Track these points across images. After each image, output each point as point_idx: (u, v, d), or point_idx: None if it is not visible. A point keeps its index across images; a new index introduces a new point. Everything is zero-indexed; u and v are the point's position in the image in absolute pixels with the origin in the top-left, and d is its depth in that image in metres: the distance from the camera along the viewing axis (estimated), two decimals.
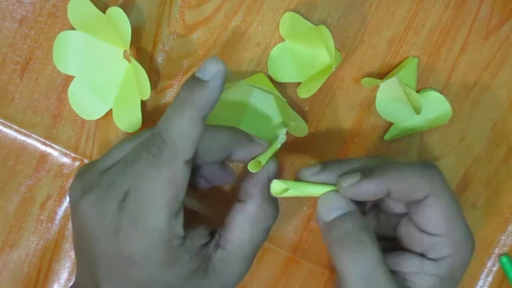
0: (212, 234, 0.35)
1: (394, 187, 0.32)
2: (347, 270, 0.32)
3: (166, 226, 0.31)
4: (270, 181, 0.34)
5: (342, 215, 0.33)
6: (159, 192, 0.31)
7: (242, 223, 0.34)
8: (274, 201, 0.35)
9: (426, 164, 0.33)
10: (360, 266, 0.32)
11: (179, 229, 0.32)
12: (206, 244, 0.34)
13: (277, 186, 0.33)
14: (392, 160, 0.37)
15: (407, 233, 0.35)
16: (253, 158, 0.35)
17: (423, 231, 0.33)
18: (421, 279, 0.33)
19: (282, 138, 0.38)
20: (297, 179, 0.35)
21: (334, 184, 0.34)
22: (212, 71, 0.31)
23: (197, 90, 0.31)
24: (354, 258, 0.32)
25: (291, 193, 0.34)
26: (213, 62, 0.31)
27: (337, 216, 0.33)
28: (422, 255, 0.34)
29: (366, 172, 0.33)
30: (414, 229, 0.34)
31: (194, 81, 0.32)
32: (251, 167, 0.34)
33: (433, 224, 0.33)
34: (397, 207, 0.35)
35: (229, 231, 0.34)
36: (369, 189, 0.32)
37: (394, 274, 0.34)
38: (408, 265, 0.34)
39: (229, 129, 0.35)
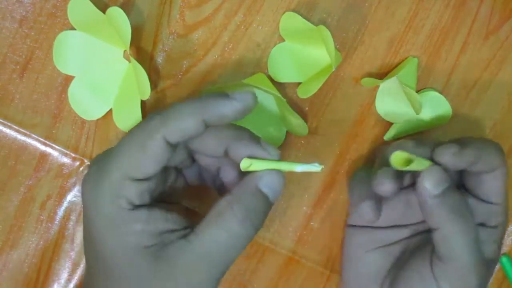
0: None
1: (484, 156, 0.34)
2: (460, 240, 0.33)
3: (117, 184, 0.32)
4: (259, 192, 0.33)
5: (448, 187, 0.34)
6: (127, 150, 0.32)
7: (212, 223, 0.32)
8: (258, 214, 0.33)
9: (493, 141, 0.36)
10: (471, 234, 0.34)
11: (131, 194, 0.32)
12: (173, 231, 0.33)
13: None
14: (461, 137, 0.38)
15: None
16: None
17: (484, 200, 0.36)
18: (488, 247, 0.36)
19: (309, 167, 0.33)
20: (395, 149, 0.34)
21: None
22: (243, 95, 0.32)
23: (219, 98, 0.32)
24: (467, 228, 0.34)
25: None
26: (249, 93, 0.33)
27: (445, 188, 0.34)
28: (481, 225, 0.36)
29: (461, 143, 0.34)
30: (473, 201, 0.36)
31: (221, 94, 0.33)
32: (241, 164, 0.33)
33: (497, 193, 0.35)
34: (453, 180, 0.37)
35: (200, 225, 0.33)
36: (470, 156, 0.34)
37: None
38: None
39: (233, 125, 0.34)
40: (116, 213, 0.32)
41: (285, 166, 0.33)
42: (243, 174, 0.34)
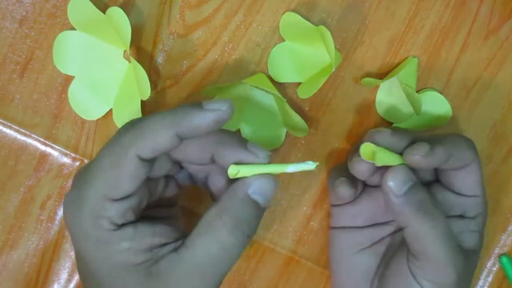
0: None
1: (455, 153, 0.34)
2: (430, 235, 0.34)
3: (96, 205, 0.31)
4: (249, 199, 0.32)
5: (413, 185, 0.34)
6: (101, 167, 0.31)
7: (202, 233, 0.31)
8: (249, 222, 0.32)
9: (465, 136, 0.36)
10: (440, 228, 0.34)
11: (113, 215, 0.31)
12: (163, 245, 0.32)
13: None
14: (435, 133, 0.39)
15: (443, 200, 0.37)
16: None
17: (461, 194, 0.36)
18: (468, 236, 0.36)
19: (301, 166, 0.32)
20: (367, 140, 0.34)
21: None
22: (217, 106, 0.31)
23: (192, 109, 0.31)
24: (435, 222, 0.34)
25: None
26: (223, 102, 0.31)
27: (409, 187, 0.34)
28: (460, 216, 0.37)
29: (432, 142, 0.34)
30: (450, 195, 0.37)
31: (195, 104, 0.31)
32: (229, 172, 0.32)
33: (473, 187, 0.36)
34: (427, 177, 0.38)
35: (189, 237, 0.32)
36: (440, 156, 0.34)
37: None
38: (454, 226, 0.36)
39: (219, 131, 0.33)
40: (100, 235, 0.31)
41: (275, 169, 0.32)
42: (232, 181, 0.33)
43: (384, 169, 0.34)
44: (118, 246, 0.31)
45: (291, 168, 0.32)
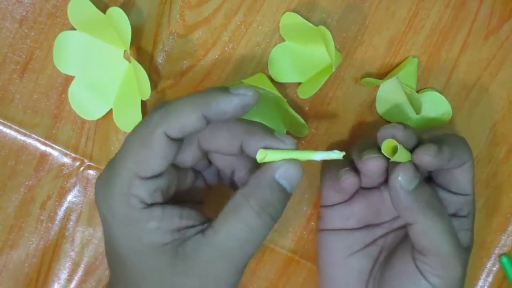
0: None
1: (456, 153, 0.35)
2: (437, 230, 0.34)
3: (127, 184, 0.31)
4: (276, 183, 0.32)
5: (419, 182, 0.34)
6: (131, 147, 0.32)
7: (228, 215, 0.32)
8: (276, 206, 0.32)
9: (460, 136, 0.37)
10: (446, 224, 0.34)
11: (142, 193, 0.31)
12: (190, 227, 0.32)
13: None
14: (434, 132, 0.38)
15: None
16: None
17: (455, 193, 0.37)
18: (462, 235, 0.36)
19: (328, 154, 0.32)
20: (383, 135, 0.34)
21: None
22: (244, 91, 0.32)
23: (220, 93, 0.32)
24: (442, 218, 0.34)
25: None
26: (250, 89, 0.32)
27: (417, 183, 0.34)
28: (453, 215, 0.37)
29: (436, 142, 0.34)
30: (444, 194, 0.37)
31: (222, 89, 0.32)
32: (257, 156, 0.32)
33: (466, 185, 0.36)
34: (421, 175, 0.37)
35: (216, 219, 0.32)
36: (447, 156, 0.34)
37: None
38: None
39: (245, 120, 0.34)
40: (129, 213, 0.32)
41: (302, 155, 0.32)
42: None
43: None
44: (147, 225, 0.31)
45: (318, 155, 0.32)
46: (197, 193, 0.37)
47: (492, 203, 0.43)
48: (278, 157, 0.32)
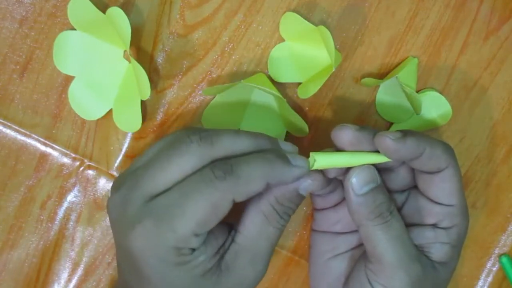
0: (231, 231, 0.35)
1: (428, 149, 0.34)
2: (381, 237, 0.34)
3: (185, 238, 0.32)
4: (298, 193, 0.35)
5: (375, 188, 0.35)
6: (198, 209, 0.32)
7: (253, 217, 0.35)
8: (293, 209, 0.35)
9: (444, 142, 0.36)
10: (393, 232, 0.34)
11: (195, 245, 0.33)
12: (224, 243, 0.35)
13: (310, 162, 0.34)
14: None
15: (418, 207, 0.37)
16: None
17: (436, 202, 0.36)
18: (437, 248, 0.36)
19: (377, 158, 0.35)
20: (335, 137, 0.35)
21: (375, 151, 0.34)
22: (302, 163, 0.34)
23: (284, 164, 0.33)
24: (387, 226, 0.34)
25: (323, 164, 0.34)
26: (306, 161, 0.34)
27: (370, 188, 0.34)
28: (433, 226, 0.36)
29: (404, 132, 0.34)
30: (426, 202, 0.36)
31: (285, 158, 0.34)
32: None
33: (448, 195, 0.35)
34: (405, 181, 0.37)
35: (242, 223, 0.35)
36: (413, 145, 0.34)
37: None
38: (423, 236, 0.36)
39: (267, 158, 0.34)
40: (180, 260, 0.33)
41: (349, 160, 0.34)
42: None
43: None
44: (196, 262, 0.33)
45: (365, 159, 0.34)
46: None
47: (492, 203, 0.43)
48: (326, 165, 0.34)
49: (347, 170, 0.35)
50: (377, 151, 0.35)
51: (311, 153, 0.34)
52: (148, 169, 0.33)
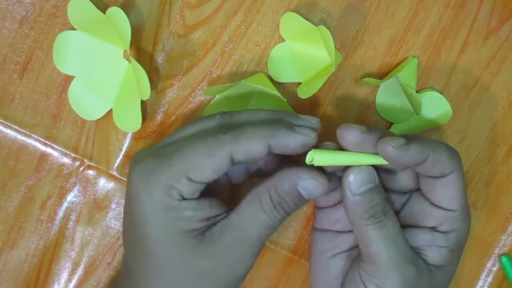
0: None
1: (432, 155, 0.34)
2: (374, 236, 0.34)
3: (174, 178, 0.33)
4: (296, 190, 0.34)
5: (372, 188, 0.35)
6: (195, 152, 0.34)
7: (249, 199, 0.35)
8: (291, 205, 0.35)
9: (449, 146, 0.35)
10: (387, 232, 0.34)
11: (184, 190, 0.34)
12: (217, 216, 0.35)
13: (308, 157, 0.34)
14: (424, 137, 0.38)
15: (419, 210, 0.37)
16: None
17: (438, 206, 0.36)
18: (434, 251, 0.35)
19: (377, 159, 0.34)
20: (340, 137, 0.35)
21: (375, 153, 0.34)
22: (308, 132, 0.34)
23: (287, 129, 0.34)
24: (380, 226, 0.34)
25: (322, 161, 0.34)
26: (312, 130, 0.34)
27: (367, 189, 0.34)
28: (432, 229, 0.36)
29: (408, 138, 0.34)
30: (427, 205, 0.36)
31: (289, 125, 0.34)
32: (306, 159, 0.34)
33: (450, 200, 0.35)
34: (408, 184, 0.37)
35: (238, 204, 0.35)
36: (416, 153, 0.33)
37: None
38: (420, 239, 0.36)
39: (270, 122, 0.35)
40: (167, 201, 0.34)
41: (349, 160, 0.34)
42: (285, 163, 0.36)
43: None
44: (182, 214, 0.34)
45: (366, 160, 0.34)
46: (222, 190, 0.38)
47: (492, 203, 0.43)
48: (325, 162, 0.34)
49: (346, 166, 0.35)
50: None
51: (312, 149, 0.34)
52: (170, 136, 0.37)
